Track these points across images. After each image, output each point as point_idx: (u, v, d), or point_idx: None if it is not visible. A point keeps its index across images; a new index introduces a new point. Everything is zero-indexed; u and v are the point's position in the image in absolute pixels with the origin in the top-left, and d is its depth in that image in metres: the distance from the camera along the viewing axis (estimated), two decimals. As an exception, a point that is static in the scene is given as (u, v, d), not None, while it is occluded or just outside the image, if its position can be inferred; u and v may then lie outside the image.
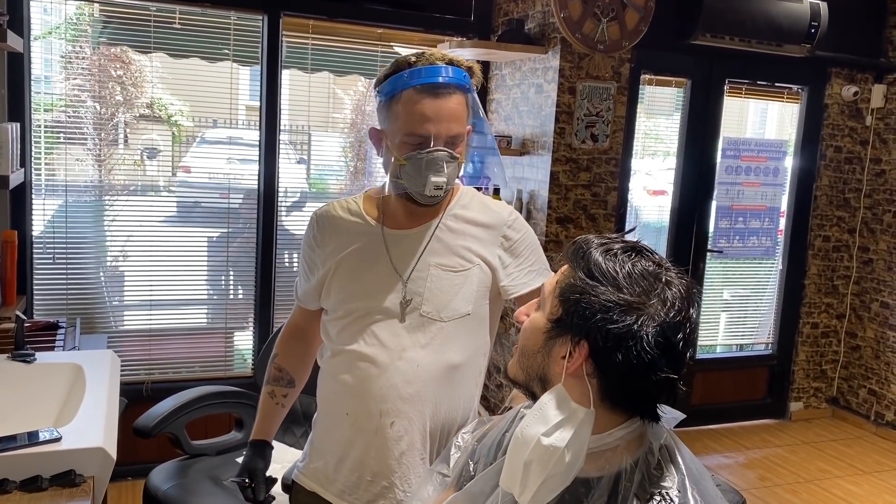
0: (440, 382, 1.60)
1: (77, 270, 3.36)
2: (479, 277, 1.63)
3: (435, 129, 1.52)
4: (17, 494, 1.52)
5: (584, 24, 3.30)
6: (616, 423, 1.05)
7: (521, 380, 1.13)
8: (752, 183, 4.44)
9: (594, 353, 1.01)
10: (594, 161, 3.52)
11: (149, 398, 3.22)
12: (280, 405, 1.78)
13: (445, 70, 1.53)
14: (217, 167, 3.61)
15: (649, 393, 1.02)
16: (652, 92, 4.18)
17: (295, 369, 1.79)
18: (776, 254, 4.65)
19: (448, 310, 1.59)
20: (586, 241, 1.07)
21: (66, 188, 3.30)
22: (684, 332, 1.00)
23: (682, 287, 1.03)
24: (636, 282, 1.01)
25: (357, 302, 1.60)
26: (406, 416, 1.57)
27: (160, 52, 3.34)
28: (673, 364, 1.00)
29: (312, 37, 3.56)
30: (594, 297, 1.01)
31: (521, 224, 1.70)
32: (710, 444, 4.30)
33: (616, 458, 1.05)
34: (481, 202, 1.70)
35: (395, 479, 1.59)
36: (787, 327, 4.68)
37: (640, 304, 0.99)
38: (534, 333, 1.10)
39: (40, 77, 3.25)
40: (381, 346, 1.58)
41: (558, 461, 0.99)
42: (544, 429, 1.01)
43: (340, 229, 1.65)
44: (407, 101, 1.52)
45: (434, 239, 1.62)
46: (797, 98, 4.52)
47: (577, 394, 1.03)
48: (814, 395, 4.76)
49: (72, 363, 2.15)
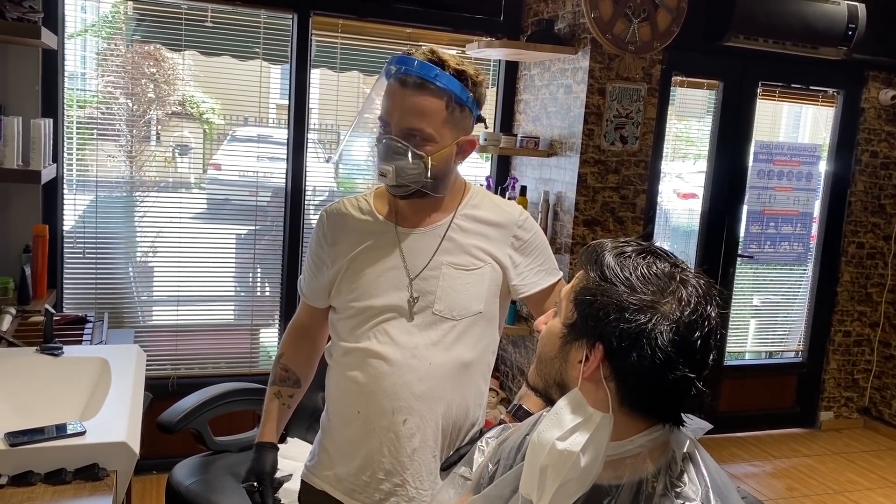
0: (452, 380, 1.60)
1: (106, 265, 3.40)
2: (491, 276, 1.64)
3: (392, 117, 1.53)
4: (41, 487, 1.54)
5: (615, 25, 3.27)
6: (637, 429, 1.03)
7: (541, 386, 1.12)
8: (784, 187, 4.37)
9: (609, 355, 0.99)
10: (623, 163, 3.48)
11: (174, 393, 3.25)
12: (286, 406, 1.78)
13: (416, 62, 1.52)
14: (247, 165, 3.63)
15: (669, 395, 1.00)
16: (683, 94, 4.13)
17: (301, 369, 1.78)
18: (808, 260, 4.57)
19: (460, 308, 1.60)
20: (600, 245, 1.07)
21: (98, 184, 3.34)
22: (702, 330, 0.98)
23: (699, 286, 1.01)
24: (650, 282, 1.00)
25: (368, 300, 1.60)
26: (419, 413, 1.58)
27: (192, 50, 3.37)
28: (691, 364, 0.98)
29: (342, 36, 3.57)
30: (607, 298, 1.00)
31: (532, 224, 1.70)
32: (737, 452, 4.23)
33: (638, 465, 1.03)
34: (492, 202, 1.70)
35: (407, 477, 1.59)
36: (818, 335, 4.60)
37: (654, 303, 0.98)
38: (550, 339, 1.09)
39: (75, 74, 3.29)
40: (394, 343, 1.58)
41: (573, 466, 0.98)
42: (559, 433, 0.99)
43: (351, 227, 1.66)
44: (380, 84, 1.58)
45: (446, 238, 1.62)
46: (832, 101, 4.43)
47: (595, 398, 1.02)
48: (845, 404, 4.66)
49: (98, 357, 2.17)
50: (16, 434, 1.60)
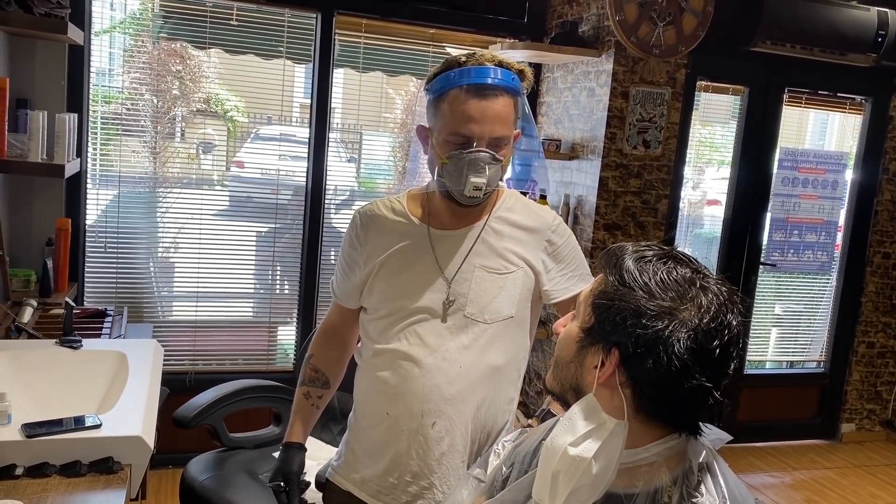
0: (482, 384, 1.59)
1: (127, 260, 3.43)
2: (523, 280, 1.63)
3: (478, 129, 1.51)
4: (56, 479, 1.54)
5: (640, 28, 3.24)
6: (653, 437, 1.02)
7: (557, 390, 1.11)
8: (809, 195, 4.31)
9: (625, 361, 0.98)
10: (645, 167, 3.45)
11: (191, 389, 3.26)
12: (315, 406, 1.77)
13: (494, 72, 1.53)
14: (269, 163, 3.64)
15: (685, 404, 0.98)
16: (708, 99, 4.09)
17: (331, 370, 1.78)
18: (832, 269, 4.51)
19: (491, 311, 1.59)
20: (620, 249, 1.05)
21: (121, 179, 3.37)
22: (721, 338, 0.96)
23: (720, 293, 0.99)
24: (669, 287, 0.98)
25: (400, 301, 1.60)
26: (448, 416, 1.57)
27: (217, 48, 3.39)
28: (709, 373, 0.96)
29: (365, 36, 3.57)
30: (625, 303, 0.98)
31: (565, 229, 1.70)
32: (756, 462, 4.18)
33: (653, 474, 1.01)
34: (526, 206, 1.69)
35: (434, 480, 1.58)
36: (841, 345, 4.53)
37: (673, 309, 0.96)
38: (567, 343, 1.08)
39: (102, 70, 3.32)
40: (424, 345, 1.57)
41: (585, 472, 0.97)
42: (572, 438, 0.98)
43: (385, 228, 1.65)
44: (453, 101, 1.52)
45: (479, 241, 1.61)
46: (860, 109, 4.36)
47: (610, 405, 1.00)
48: (867, 416, 4.59)
49: (116, 351, 2.18)
50: (32, 425, 1.61)
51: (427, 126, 1.62)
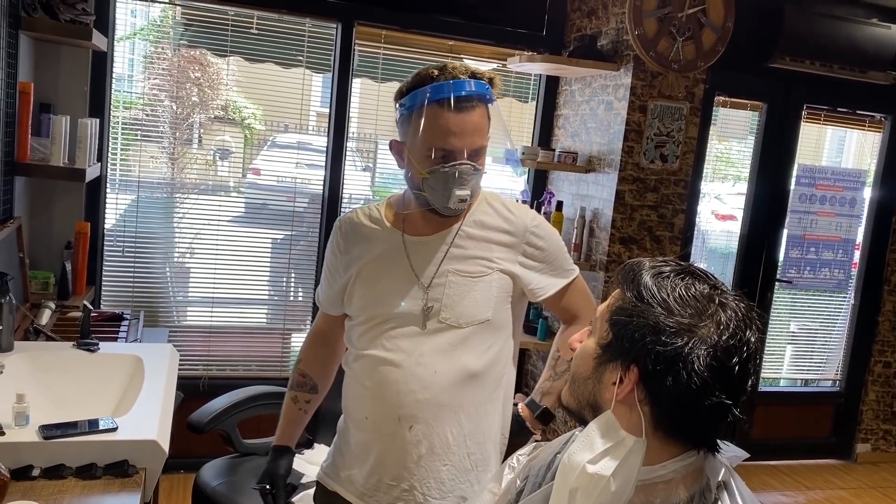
0: (458, 388, 1.60)
1: (144, 264, 3.45)
2: (499, 283, 1.64)
3: (459, 143, 1.53)
4: (72, 481, 1.56)
5: (659, 43, 3.24)
6: (671, 454, 1.01)
7: (574, 407, 1.10)
8: (826, 213, 4.28)
9: (644, 377, 0.97)
10: (662, 182, 3.45)
11: (205, 393, 3.27)
12: (303, 411, 1.80)
13: (468, 84, 1.53)
14: (285, 171, 3.67)
15: (704, 421, 0.97)
16: (725, 114, 4.08)
17: (318, 375, 1.81)
18: (849, 287, 4.47)
19: (467, 316, 1.60)
20: (638, 264, 1.05)
21: (140, 184, 3.40)
22: (740, 355, 0.95)
23: (738, 309, 0.98)
24: (688, 304, 0.97)
25: (378, 308, 1.62)
26: (424, 420, 1.59)
27: (236, 56, 3.42)
28: (728, 389, 0.95)
29: (384, 46, 3.59)
30: (644, 319, 0.97)
31: (545, 228, 1.70)
32: (769, 480, 4.14)
33: (670, 492, 1.00)
34: (503, 206, 1.69)
35: (414, 482, 1.60)
36: (857, 365, 4.49)
37: (692, 326, 0.95)
38: (584, 359, 1.07)
39: (122, 76, 3.36)
40: (401, 351, 1.59)
41: (603, 490, 0.96)
42: (590, 456, 0.98)
43: (363, 236, 1.68)
44: (430, 116, 1.52)
45: (453, 246, 1.63)
46: (880, 127, 4.34)
47: (629, 422, 1.00)
48: (883, 437, 4.54)
49: (133, 355, 2.20)
50: (49, 427, 1.63)
51: (400, 140, 1.61)
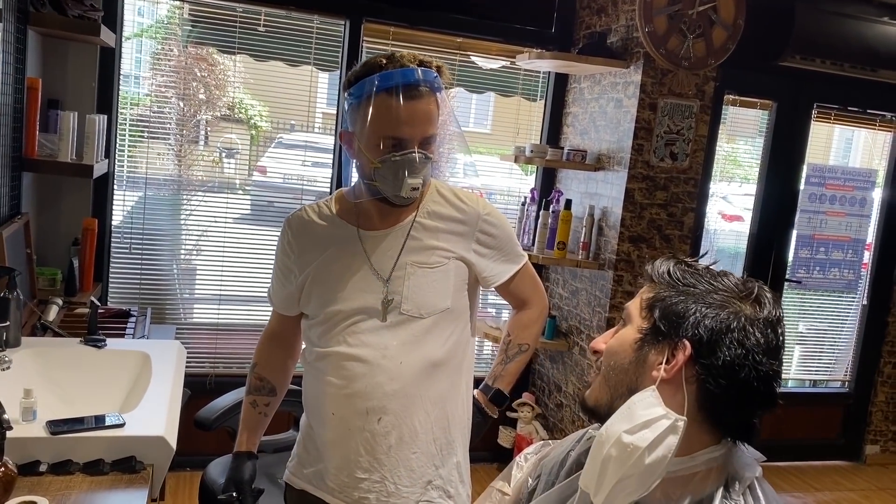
0: (424, 377, 1.62)
1: (151, 261, 3.44)
2: (456, 271, 1.65)
3: (410, 131, 1.52)
4: (79, 476, 1.55)
5: (669, 40, 3.22)
6: (702, 444, 1.01)
7: (606, 401, 1.07)
8: (836, 212, 4.25)
9: (697, 351, 0.98)
10: (672, 180, 3.42)
11: (212, 391, 3.26)
12: (263, 415, 1.80)
13: (417, 72, 1.52)
14: (292, 170, 3.66)
15: (752, 395, 0.98)
16: (735, 113, 4.05)
17: (276, 377, 1.81)
18: (859, 288, 4.44)
19: (428, 306, 1.62)
20: (666, 261, 1.08)
21: (147, 181, 3.39)
22: (783, 329, 1.00)
23: (768, 292, 1.04)
24: (727, 287, 1.02)
25: (339, 305, 1.62)
26: (393, 411, 1.60)
27: (244, 54, 3.40)
28: (775, 361, 0.99)
29: (392, 44, 3.58)
30: (689, 297, 1.01)
31: (497, 215, 1.72)
32: (777, 481, 4.11)
33: (696, 486, 0.99)
34: (454, 196, 1.70)
35: (385, 473, 1.61)
36: (866, 365, 4.46)
37: (735, 302, 1.00)
38: (622, 349, 1.06)
39: (130, 73, 3.35)
40: (365, 345, 1.60)
41: (637, 461, 0.95)
42: (629, 426, 0.97)
43: (315, 234, 1.67)
44: (381, 104, 1.51)
45: (409, 237, 1.63)
46: (891, 126, 4.31)
47: (671, 403, 0.99)
48: (892, 438, 4.51)
49: (140, 351, 2.19)
50: (57, 423, 1.62)
51: (350, 130, 1.60)
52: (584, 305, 3.62)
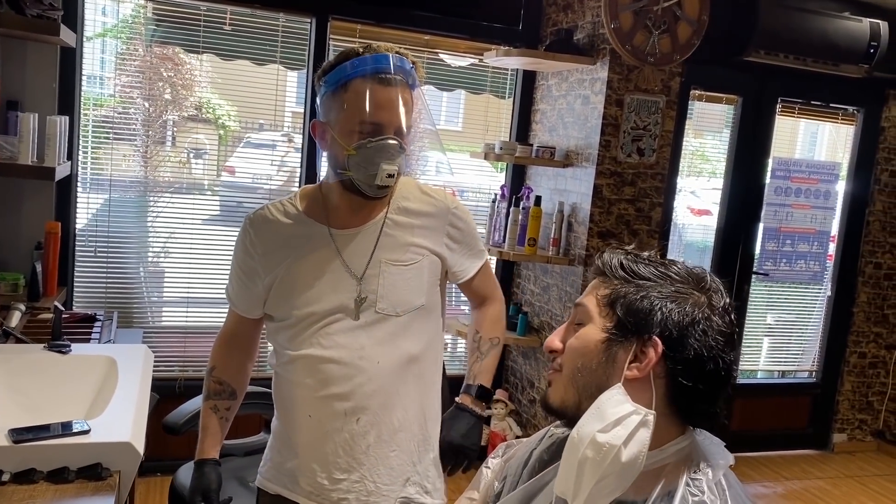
0: (402, 375, 1.61)
1: (117, 265, 3.39)
2: (429, 268, 1.65)
3: (387, 116, 1.51)
4: (43, 485, 1.51)
5: (635, 36, 3.25)
6: (671, 436, 1.02)
7: (573, 402, 1.06)
8: (801, 205, 4.32)
9: (668, 345, 0.99)
10: (639, 176, 3.45)
11: (181, 395, 3.22)
12: (224, 419, 1.76)
13: (394, 58, 1.52)
14: (261, 170, 3.62)
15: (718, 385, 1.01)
16: (701, 108, 4.10)
17: (235, 380, 1.77)
18: (824, 279, 4.52)
19: (403, 304, 1.60)
20: (615, 253, 1.08)
21: (112, 183, 3.34)
22: (735, 318, 1.03)
23: (718, 280, 1.06)
24: (682, 277, 1.03)
25: (311, 307, 1.59)
26: (372, 411, 1.58)
27: (209, 54, 3.37)
28: (733, 350, 1.02)
29: (359, 41, 3.56)
30: (651, 291, 1.01)
31: (463, 210, 1.72)
32: (748, 472, 4.17)
33: (665, 476, 1.01)
34: (421, 191, 1.69)
35: (364, 472, 1.60)
36: (832, 356, 4.54)
37: (696, 291, 1.02)
38: (587, 349, 1.05)
39: (93, 74, 3.30)
40: (340, 347, 1.58)
41: (614, 460, 0.95)
42: (601, 425, 0.97)
43: (280, 234, 1.63)
44: (357, 90, 1.50)
45: (382, 235, 1.61)
46: (852, 120, 4.39)
47: (639, 398, 0.99)
48: (858, 426, 4.59)
49: (106, 356, 2.15)
50: (20, 431, 1.58)
51: (323, 121, 1.58)
52: (555, 301, 3.64)
